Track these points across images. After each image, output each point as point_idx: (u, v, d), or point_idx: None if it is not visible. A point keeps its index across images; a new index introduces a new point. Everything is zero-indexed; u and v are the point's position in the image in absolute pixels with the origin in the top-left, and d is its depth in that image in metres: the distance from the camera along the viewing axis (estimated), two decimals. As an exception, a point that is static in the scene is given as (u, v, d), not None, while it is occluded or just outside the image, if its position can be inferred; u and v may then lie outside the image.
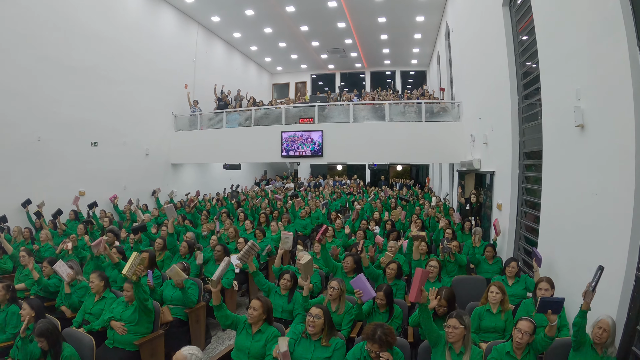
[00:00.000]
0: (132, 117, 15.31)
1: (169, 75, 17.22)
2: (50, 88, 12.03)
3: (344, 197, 18.61)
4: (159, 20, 16.68)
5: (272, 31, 20.42)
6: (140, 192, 15.32)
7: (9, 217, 10.68)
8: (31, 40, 11.39)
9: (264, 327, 4.45)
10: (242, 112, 17.68)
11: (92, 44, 13.35)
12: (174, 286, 6.19)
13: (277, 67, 27.71)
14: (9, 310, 5.18)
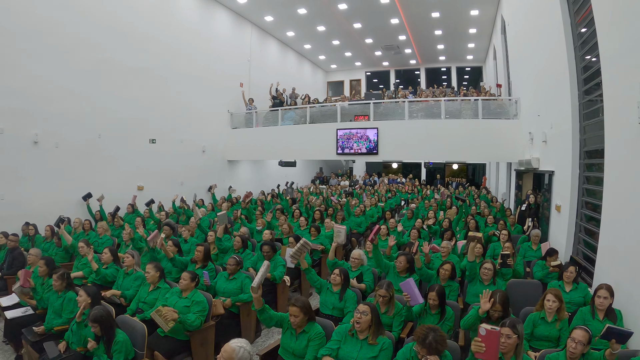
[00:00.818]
0: (189, 116, 15.71)
1: (224, 75, 17.54)
2: (110, 88, 12.52)
3: (399, 195, 18.38)
4: (214, 21, 17.00)
5: (325, 29, 20.40)
6: (196, 188, 15.63)
7: (70, 210, 11.19)
8: (91, 43, 11.90)
9: (307, 327, 4.37)
10: (298, 110, 17.71)
11: (150, 46, 13.81)
12: (227, 279, 6.26)
13: (332, 65, 27.68)
14: (66, 296, 5.36)
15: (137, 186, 13.55)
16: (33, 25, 10.43)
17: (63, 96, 11.26)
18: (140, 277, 6.24)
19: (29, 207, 10.40)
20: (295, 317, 4.25)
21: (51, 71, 10.94)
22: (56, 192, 11.13)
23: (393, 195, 18.37)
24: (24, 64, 10.34)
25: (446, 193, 16.11)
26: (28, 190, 10.53)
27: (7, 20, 9.89)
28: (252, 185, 18.80)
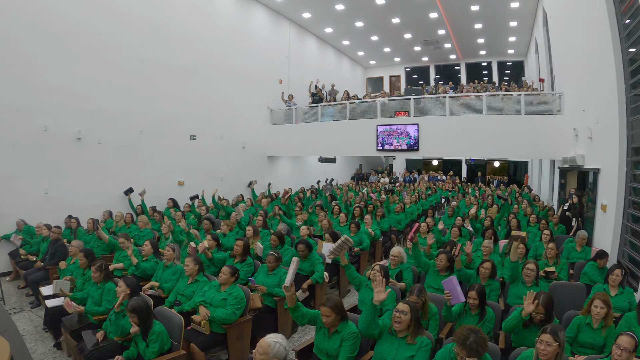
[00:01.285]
0: (229, 112, 15.83)
1: (263, 72, 17.59)
2: (151, 86, 12.79)
3: (439, 193, 18.10)
4: (252, 19, 17.08)
5: (363, 25, 20.15)
6: (236, 184, 15.85)
7: (112, 204, 11.56)
8: (132, 43, 12.20)
9: (340, 326, 4.22)
10: (337, 106, 17.59)
11: (189, 45, 14.01)
12: (267, 273, 6.22)
13: (371, 61, 27.39)
14: (106, 287, 5.45)
15: (177, 181, 13.83)
16: (75, 27, 10.75)
17: (105, 94, 11.58)
18: (179, 270, 6.27)
19: (72, 200, 10.74)
20: (327, 317, 4.14)
21: (94, 70, 11.26)
22: (98, 187, 11.46)
23: (433, 192, 18.11)
24: (67, 64, 10.66)
25: (488, 192, 15.75)
26: (71, 184, 10.86)
27: (50, 22, 10.22)
28: (292, 182, 18.81)
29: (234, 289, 5.34)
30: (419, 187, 19.63)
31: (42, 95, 10.23)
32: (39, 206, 10.17)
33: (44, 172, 10.39)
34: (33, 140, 10.19)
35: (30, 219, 9.78)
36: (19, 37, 9.76)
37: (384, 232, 10.46)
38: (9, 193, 9.76)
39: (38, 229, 9.18)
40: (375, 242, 9.72)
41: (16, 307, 7.60)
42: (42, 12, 10.08)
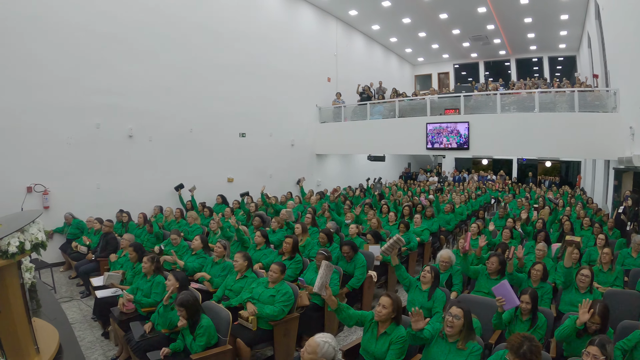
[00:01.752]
0: (278, 110, 15.94)
1: (312, 70, 17.61)
2: (201, 85, 13.06)
3: (489, 193, 17.71)
4: (299, 17, 17.13)
5: (410, 21, 19.84)
6: (285, 181, 15.96)
7: (162, 199, 11.88)
8: (181, 42, 12.49)
9: (390, 328, 4.12)
10: (386, 104, 17.39)
11: (238, 44, 14.19)
12: (315, 272, 6.11)
13: (419, 58, 26.95)
14: (155, 279, 5.51)
15: (227, 178, 14.05)
16: (127, 29, 11.13)
17: (156, 93, 11.90)
18: (228, 267, 6.30)
19: (123, 195, 11.03)
20: (384, 309, 4.03)
21: (145, 70, 11.61)
22: (149, 183, 11.78)
23: (483, 193, 17.72)
24: (119, 64, 11.03)
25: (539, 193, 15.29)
26: (122, 180, 11.19)
27: (103, 25, 10.60)
28: (340, 180, 18.72)
29: (282, 286, 5.30)
30: (468, 186, 19.26)
31: (95, 94, 10.57)
32: (91, 200, 10.47)
33: (96, 168, 10.74)
34: (86, 137, 10.54)
35: (83, 213, 10.03)
36: (73, 39, 10.10)
37: (433, 233, 10.23)
38: (62, 188, 10.10)
39: (89, 223, 9.46)
40: (424, 243, 9.53)
41: (66, 297, 7.85)
42: (94, 16, 10.44)
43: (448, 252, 6.32)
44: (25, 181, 9.58)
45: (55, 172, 9.97)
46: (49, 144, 9.90)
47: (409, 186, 19.81)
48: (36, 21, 9.44)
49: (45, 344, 3.75)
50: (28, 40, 9.37)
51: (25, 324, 3.52)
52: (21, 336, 3.43)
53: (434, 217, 10.77)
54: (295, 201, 12.76)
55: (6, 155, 9.22)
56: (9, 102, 9.20)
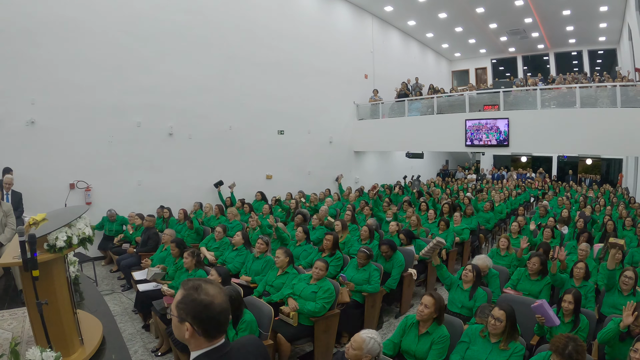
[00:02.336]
0: (316, 107, 15.94)
1: (349, 67, 17.52)
2: (239, 83, 13.15)
3: (529, 191, 17.36)
4: (334, 15, 17.08)
5: (446, 16, 19.50)
6: (323, 178, 15.94)
7: (202, 196, 12.02)
8: (219, 41, 12.64)
9: (432, 327, 4.10)
10: (424, 100, 17.19)
11: (275, 42, 14.24)
12: (356, 269, 6.15)
13: (455, 54, 26.57)
14: (196, 274, 5.56)
15: (265, 175, 14.15)
16: (166, 30, 11.35)
17: (195, 91, 12.04)
18: (269, 261, 6.33)
19: (164, 192, 11.25)
20: (426, 308, 4.02)
21: (184, 69, 11.79)
22: (189, 179, 11.95)
23: (522, 191, 17.37)
24: (158, 64, 11.25)
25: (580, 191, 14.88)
26: (163, 177, 11.41)
27: (143, 26, 10.88)
28: (378, 177, 18.71)
29: (324, 282, 5.29)
30: (507, 184, 18.92)
31: (136, 94, 10.81)
32: (132, 197, 10.69)
33: (137, 165, 10.96)
34: (127, 135, 10.79)
35: (124, 209, 10.20)
36: (114, 41, 10.37)
37: (473, 231, 10.05)
38: (104, 184, 10.36)
39: (131, 218, 9.66)
40: (464, 241, 9.38)
41: (108, 289, 8.05)
42: (134, 17, 10.72)
43: (485, 261, 5.96)
44: (69, 178, 9.84)
45: (97, 169, 10.23)
46: (91, 142, 10.17)
47: (446, 184, 19.57)
48: (78, 25, 9.71)
49: (89, 336, 3.87)
50: (70, 43, 9.63)
51: (71, 315, 3.63)
52: (66, 327, 3.52)
53: (473, 215, 10.61)
54: (333, 198, 12.76)
55: (50, 153, 9.49)
56: (53, 103, 9.47)
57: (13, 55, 8.91)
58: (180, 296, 1.72)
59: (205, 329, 1.71)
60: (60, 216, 4.01)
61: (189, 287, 1.73)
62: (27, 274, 3.10)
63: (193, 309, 1.68)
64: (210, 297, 1.71)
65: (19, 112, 9.09)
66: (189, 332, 1.69)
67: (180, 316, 1.69)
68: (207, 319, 1.70)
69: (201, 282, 1.75)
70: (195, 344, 1.74)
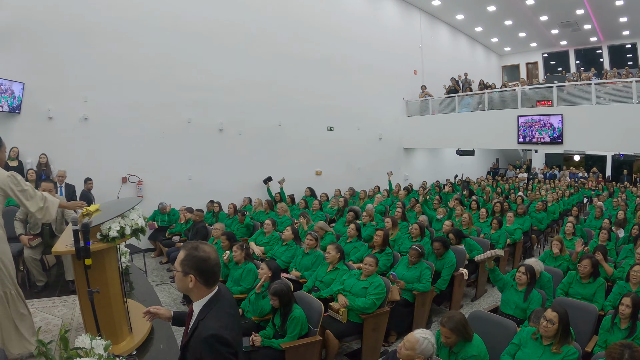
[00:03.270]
0: (365, 104, 15.82)
1: (397, 62, 17.31)
2: (288, 79, 13.23)
3: (582, 192, 16.81)
4: (381, 10, 16.92)
5: (495, 9, 18.91)
6: (373, 175, 15.72)
7: (251, 191, 12.23)
8: (268, 38, 12.76)
9: (457, 347, 3.82)
10: (474, 96, 16.84)
11: (323, 39, 14.25)
12: (407, 267, 6.06)
13: (505, 48, 25.74)
14: (246, 267, 5.62)
15: (315, 171, 14.22)
16: (214, 28, 11.61)
17: (245, 88, 12.18)
18: (319, 257, 6.31)
19: (214, 186, 11.44)
20: (447, 339, 3.73)
21: (233, 66, 12.00)
22: (239, 174, 12.17)
23: (575, 191, 16.81)
24: (208, 61, 11.54)
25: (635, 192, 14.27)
26: (213, 172, 11.63)
27: (192, 24, 11.18)
28: (428, 174, 18.45)
29: (375, 278, 5.24)
30: (559, 184, 18.37)
31: (186, 91, 11.10)
32: (183, 191, 10.98)
33: (188, 161, 11.26)
34: (178, 131, 11.13)
35: (174, 203, 10.53)
36: (164, 40, 10.74)
37: (525, 232, 9.71)
38: (156, 179, 10.70)
39: (180, 212, 9.92)
40: (515, 242, 9.09)
41: (157, 280, 8.27)
42: (183, 16, 11.02)
43: (536, 266, 5.49)
44: (121, 172, 10.22)
45: (149, 164, 10.56)
46: (143, 137, 10.50)
47: (497, 182, 19.15)
48: (128, 25, 10.13)
49: (138, 325, 3.96)
50: (121, 43, 10.04)
51: (121, 304, 3.74)
52: (116, 316, 3.62)
53: (526, 215, 10.30)
54: (383, 195, 12.63)
55: (103, 148, 9.90)
56: (106, 100, 9.88)
57: (66, 56, 9.37)
58: (184, 255, 2.19)
59: (205, 279, 2.20)
60: (113, 207, 4.08)
61: (189, 247, 2.21)
62: (80, 262, 3.18)
63: (195, 263, 2.16)
64: (207, 254, 2.20)
65: (73, 109, 9.56)
66: (192, 282, 2.17)
67: (184, 270, 2.17)
68: (206, 270, 2.19)
69: (198, 243, 2.24)
70: (198, 293, 2.22)
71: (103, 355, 2.65)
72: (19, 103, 8.76)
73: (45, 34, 9.06)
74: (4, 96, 8.44)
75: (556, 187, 17.07)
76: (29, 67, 8.93)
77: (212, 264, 2.21)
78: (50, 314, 4.50)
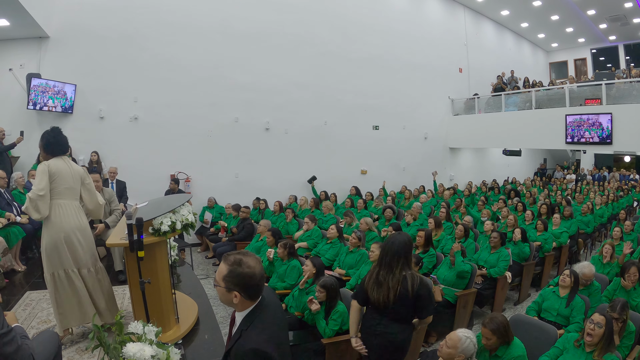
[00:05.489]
0: (411, 102, 15.76)
1: (442, 60, 17.13)
2: (333, 79, 13.36)
3: (632, 195, 16.33)
4: (425, 8, 16.79)
5: (541, 4, 18.45)
6: (418, 174, 15.63)
7: (296, 189, 12.40)
8: (313, 38, 12.95)
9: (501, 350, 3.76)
10: (521, 94, 16.51)
11: (367, 37, 14.26)
12: (449, 267, 6.03)
13: (552, 44, 24.98)
14: (290, 264, 5.71)
15: (360, 170, 14.28)
16: (260, 29, 11.93)
17: (291, 88, 12.42)
18: (363, 255, 6.34)
19: (260, 184, 11.72)
20: (488, 340, 3.69)
21: (280, 66, 12.27)
22: (284, 173, 12.39)
23: (625, 194, 16.32)
24: (254, 62, 11.87)
25: None
26: (259, 170, 11.91)
27: (238, 27, 11.57)
28: (473, 174, 18.17)
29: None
30: (609, 186, 17.84)
31: (234, 90, 11.45)
32: (229, 188, 11.29)
33: (235, 159, 11.60)
34: (225, 130, 11.48)
35: (222, 200, 10.83)
36: (211, 42, 11.16)
37: (571, 236, 9.41)
38: (204, 176, 11.11)
39: (227, 209, 10.08)
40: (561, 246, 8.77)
41: (203, 274, 8.51)
42: (229, 18, 11.40)
43: (590, 268, 5.42)
44: (169, 169, 10.60)
45: (197, 162, 10.94)
46: (191, 136, 10.89)
47: (544, 183, 18.75)
48: (177, 28, 10.65)
49: (184, 315, 4.19)
50: (170, 46, 10.57)
51: (169, 295, 3.93)
52: (164, 306, 3.82)
53: (572, 217, 10.04)
54: (427, 195, 12.59)
55: (153, 146, 10.38)
56: (156, 100, 10.40)
57: (118, 58, 9.93)
58: (227, 270, 2.12)
59: (250, 294, 2.15)
60: (164, 202, 4.25)
61: (232, 262, 2.13)
62: (133, 254, 3.32)
63: (240, 280, 2.10)
64: (252, 269, 2.13)
65: (124, 109, 10.11)
66: (237, 298, 2.13)
67: (228, 287, 2.12)
68: (252, 286, 2.14)
69: (241, 257, 2.15)
70: (242, 307, 2.18)
71: (154, 341, 2.79)
72: (71, 104, 9.28)
73: (96, 38, 9.60)
74: (57, 97, 8.90)
75: (605, 189, 16.62)
76: (81, 69, 9.49)
77: (257, 280, 2.15)
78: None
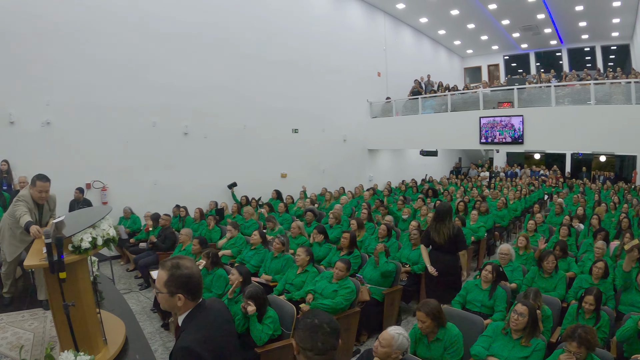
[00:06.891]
0: (330, 105, 15.95)
1: (362, 65, 17.48)
2: (253, 82, 13.25)
3: (542, 189, 17.22)
4: (346, 13, 17.04)
5: (459, 13, 19.31)
6: (338, 176, 15.83)
7: (217, 195, 12.14)
8: (233, 40, 12.79)
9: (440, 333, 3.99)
10: (437, 98, 17.11)
11: (288, 41, 14.30)
12: (374, 266, 6.13)
13: (468, 50, 26.29)
14: (216, 273, 5.59)
15: (280, 173, 14.25)
16: (180, 29, 11.57)
17: (210, 91, 12.20)
18: (288, 260, 6.34)
19: (180, 191, 11.38)
20: (423, 323, 3.90)
21: (198, 69, 11.97)
22: (205, 179, 12.09)
23: (536, 188, 17.22)
24: (172, 64, 11.47)
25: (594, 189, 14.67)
26: (179, 176, 11.56)
27: (155, 27, 11.09)
28: (392, 175, 18.65)
29: (346, 281, 5.27)
30: (520, 182, 18.74)
31: (151, 93, 11.01)
32: (148, 196, 10.83)
33: (153, 165, 11.13)
34: (143, 135, 10.98)
35: (140, 208, 10.32)
36: (128, 41, 10.58)
37: (488, 229, 9.92)
38: (120, 184, 10.55)
39: (146, 218, 9.67)
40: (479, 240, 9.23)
41: (125, 288, 8.10)
42: (148, 17, 10.90)
43: (507, 245, 6.22)
44: (85, 178, 10.01)
45: (113, 169, 10.41)
46: (107, 142, 10.34)
47: (460, 181, 19.45)
48: (90, 26, 9.89)
49: (112, 336, 3.89)
50: (84, 43, 9.80)
51: (95, 316, 3.65)
52: (90, 328, 3.53)
53: (488, 212, 10.48)
54: (348, 196, 12.68)
55: (66, 153, 9.64)
56: (68, 103, 9.68)
57: (26, 57, 9.08)
58: (167, 276, 2.13)
59: (193, 294, 2.18)
60: (84, 216, 4.01)
61: (170, 267, 2.15)
62: (54, 276, 3.09)
63: (181, 282, 2.13)
64: (190, 269, 2.17)
65: (35, 113, 9.28)
66: (181, 301, 2.13)
67: (171, 291, 2.12)
68: (193, 285, 2.17)
69: (177, 260, 2.19)
70: (184, 309, 2.18)
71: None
72: (-22, 107, 8.46)
73: (4, 34, 8.74)
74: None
75: (517, 184, 17.42)
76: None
77: (197, 279, 2.19)
78: (22, 328, 4.39)
